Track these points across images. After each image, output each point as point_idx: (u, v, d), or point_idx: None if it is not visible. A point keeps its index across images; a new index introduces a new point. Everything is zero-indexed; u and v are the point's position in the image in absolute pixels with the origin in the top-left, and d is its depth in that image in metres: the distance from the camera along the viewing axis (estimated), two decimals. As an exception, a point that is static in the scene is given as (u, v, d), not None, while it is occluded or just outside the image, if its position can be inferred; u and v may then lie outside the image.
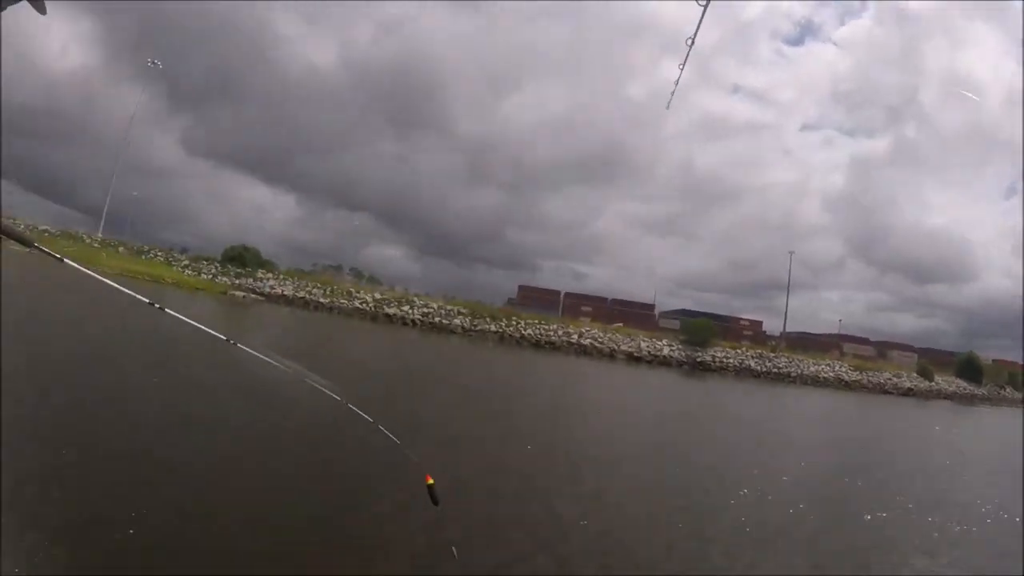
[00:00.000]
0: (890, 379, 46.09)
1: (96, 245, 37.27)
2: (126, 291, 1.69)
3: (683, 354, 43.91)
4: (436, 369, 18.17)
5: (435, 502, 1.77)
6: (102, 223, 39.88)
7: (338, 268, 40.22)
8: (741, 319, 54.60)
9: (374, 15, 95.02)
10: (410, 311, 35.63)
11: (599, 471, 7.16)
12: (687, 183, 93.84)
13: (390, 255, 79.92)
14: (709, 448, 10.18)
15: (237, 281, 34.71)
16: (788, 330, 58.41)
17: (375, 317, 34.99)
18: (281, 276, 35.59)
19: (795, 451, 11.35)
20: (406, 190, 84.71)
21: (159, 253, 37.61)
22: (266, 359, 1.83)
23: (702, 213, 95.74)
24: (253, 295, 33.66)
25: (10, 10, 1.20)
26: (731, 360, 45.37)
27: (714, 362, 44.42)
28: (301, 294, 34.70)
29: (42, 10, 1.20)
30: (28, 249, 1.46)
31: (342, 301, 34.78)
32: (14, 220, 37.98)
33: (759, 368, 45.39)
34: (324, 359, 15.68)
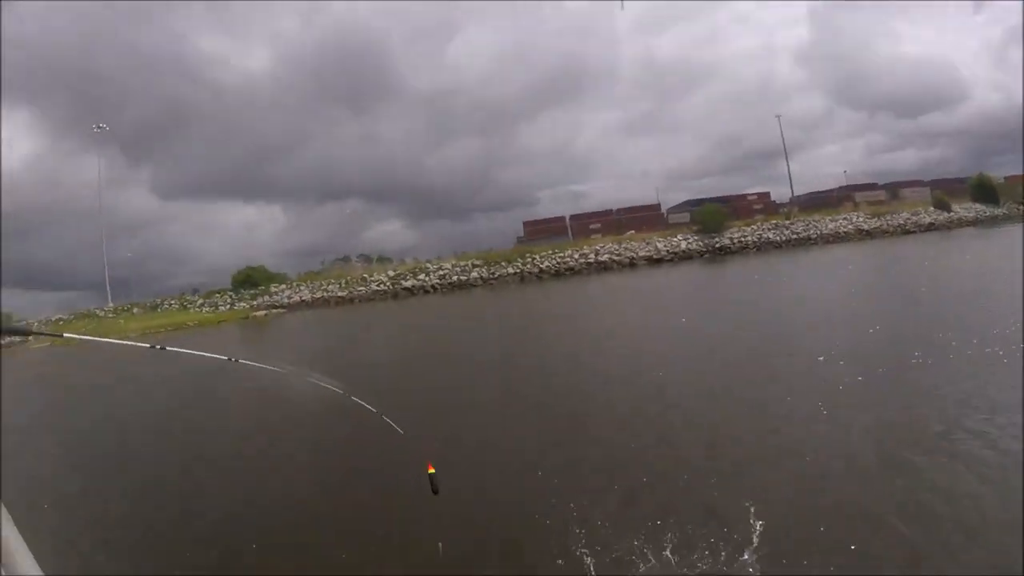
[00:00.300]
0: (909, 218, 45.54)
1: (111, 315, 37.70)
2: (127, 343, 1.76)
3: (701, 244, 43.65)
4: (479, 323, 18.27)
5: (435, 491, 1.75)
6: (108, 293, 40.20)
7: (346, 259, 40.26)
8: (748, 195, 53.60)
9: (290, 5, 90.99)
10: (427, 278, 35.67)
11: (660, 371, 7.14)
12: (653, 77, 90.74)
13: (390, 230, 79.62)
14: (761, 326, 9.91)
15: (254, 302, 34.94)
16: (796, 194, 57.70)
17: (395, 294, 35.15)
18: (294, 284, 35.70)
19: (844, 308, 10.75)
20: (383, 164, 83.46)
21: (172, 301, 37.88)
22: (268, 367, 1.91)
23: (677, 102, 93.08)
24: (274, 310, 33.94)
25: None
26: (749, 238, 44.99)
27: (733, 244, 44.12)
28: (318, 294, 34.88)
29: None
30: (29, 337, 1.74)
31: (359, 288, 34.90)
32: (26, 322, 38.50)
33: (778, 238, 45.06)
34: (368, 345, 16.10)
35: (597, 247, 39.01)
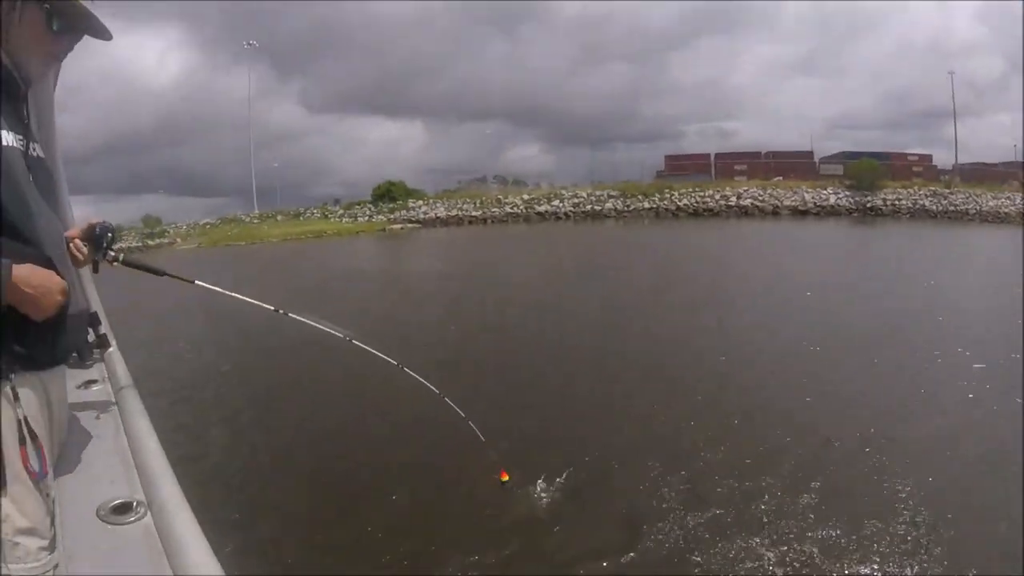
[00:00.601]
0: None
1: (256, 221, 40.46)
2: (252, 301, 1.78)
3: (851, 201, 39.61)
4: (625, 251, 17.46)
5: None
6: (255, 200, 43.06)
7: (482, 179, 40.64)
8: (908, 154, 47.47)
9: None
10: (560, 205, 35.12)
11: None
12: (821, 15, 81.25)
13: (528, 154, 79.76)
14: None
15: (392, 216, 36.21)
16: (960, 161, 50.60)
17: (527, 218, 35.02)
18: (431, 200, 36.52)
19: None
20: (527, 87, 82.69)
21: (314, 210, 40.10)
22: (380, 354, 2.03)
23: (843, 46, 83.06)
24: (410, 224, 35.03)
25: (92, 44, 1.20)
26: (903, 201, 40.21)
27: (885, 206, 39.67)
28: (454, 212, 35.50)
29: (107, 35, 1.18)
30: (161, 277, 1.59)
31: (493, 209, 35.08)
32: (175, 225, 42.15)
33: (934, 207, 39.94)
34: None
35: (740, 190, 36.33)
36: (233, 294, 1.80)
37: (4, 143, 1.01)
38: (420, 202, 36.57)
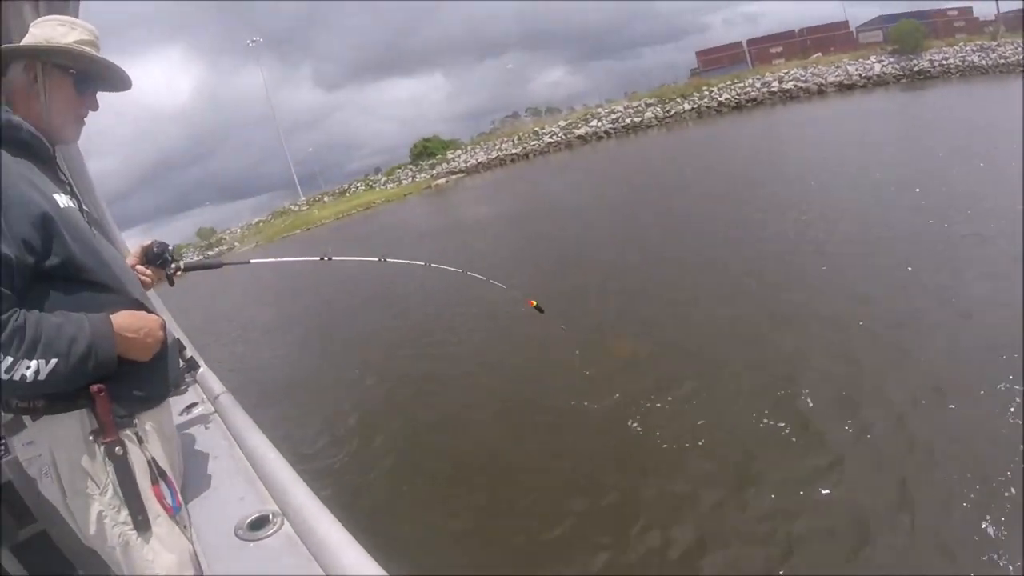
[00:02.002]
0: None
1: (305, 208, 41.19)
2: (299, 259, 2.02)
3: (897, 67, 37.65)
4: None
5: (541, 311, 2.32)
6: (298, 188, 43.80)
7: (515, 115, 40.29)
8: (947, 10, 44.52)
9: None
10: (599, 124, 34.53)
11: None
12: None
13: (555, 79, 77.19)
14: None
15: (434, 171, 36.31)
16: (1002, 10, 47.17)
17: (568, 144, 34.60)
18: (468, 147, 36.46)
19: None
20: (537, 6, 78.69)
21: (358, 184, 40.52)
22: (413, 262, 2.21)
23: None
24: (454, 176, 35.09)
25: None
26: (951, 60, 37.99)
27: (933, 67, 37.56)
28: (494, 154, 35.36)
29: (128, 84, 1.21)
30: (220, 268, 1.78)
31: (533, 143, 34.79)
32: (229, 230, 43.08)
33: (984, 63, 37.67)
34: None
35: (780, 74, 34.91)
36: (288, 259, 1.97)
37: (63, 206, 1.02)
38: (459, 151, 36.53)
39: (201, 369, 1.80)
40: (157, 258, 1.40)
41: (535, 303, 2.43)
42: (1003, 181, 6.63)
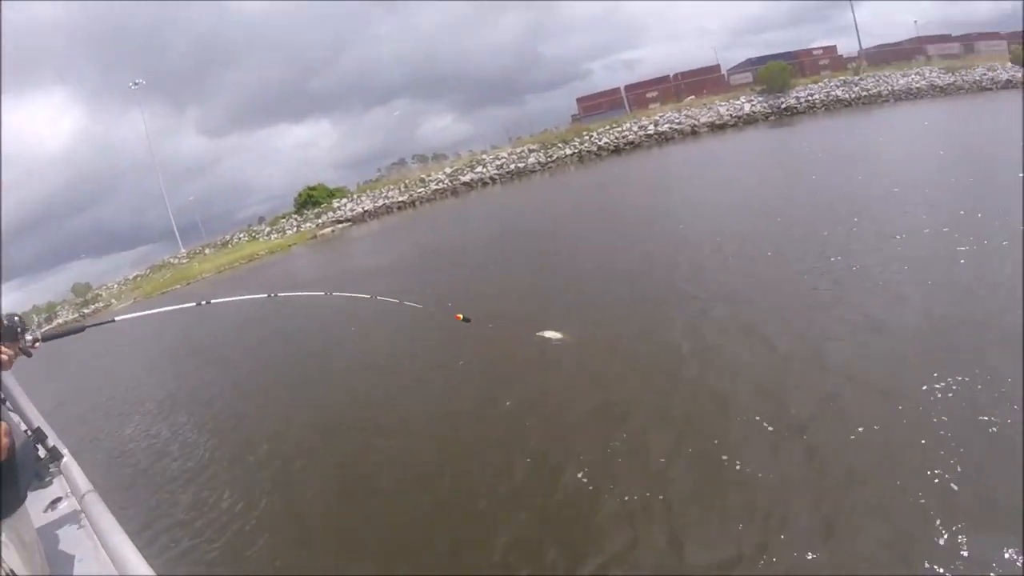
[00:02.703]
0: (985, 74, 40.76)
1: (185, 260, 38.79)
2: (175, 308, 1.96)
3: (766, 105, 40.54)
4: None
5: (468, 320, 2.69)
6: (179, 240, 41.22)
7: (401, 162, 39.70)
8: (813, 49, 48.55)
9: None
10: (484, 170, 34.68)
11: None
12: None
13: (441, 126, 78.21)
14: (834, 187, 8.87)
15: (319, 220, 35.18)
16: (864, 46, 52.05)
17: (455, 191, 34.52)
18: (355, 195, 35.56)
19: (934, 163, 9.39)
20: (424, 56, 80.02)
21: (241, 235, 38.63)
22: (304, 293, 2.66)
23: None
24: (339, 225, 34.12)
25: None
26: (816, 96, 41.48)
27: (800, 103, 40.84)
28: (380, 202, 34.68)
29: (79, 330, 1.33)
30: (83, 332, 1.65)
31: (419, 190, 34.42)
32: (104, 287, 39.95)
33: (847, 96, 41.55)
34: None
35: (656, 117, 36.54)
36: (158, 310, 1.91)
37: None
38: (344, 199, 35.56)
39: (65, 459, 1.74)
40: (10, 333, 1.34)
41: (461, 316, 2.67)
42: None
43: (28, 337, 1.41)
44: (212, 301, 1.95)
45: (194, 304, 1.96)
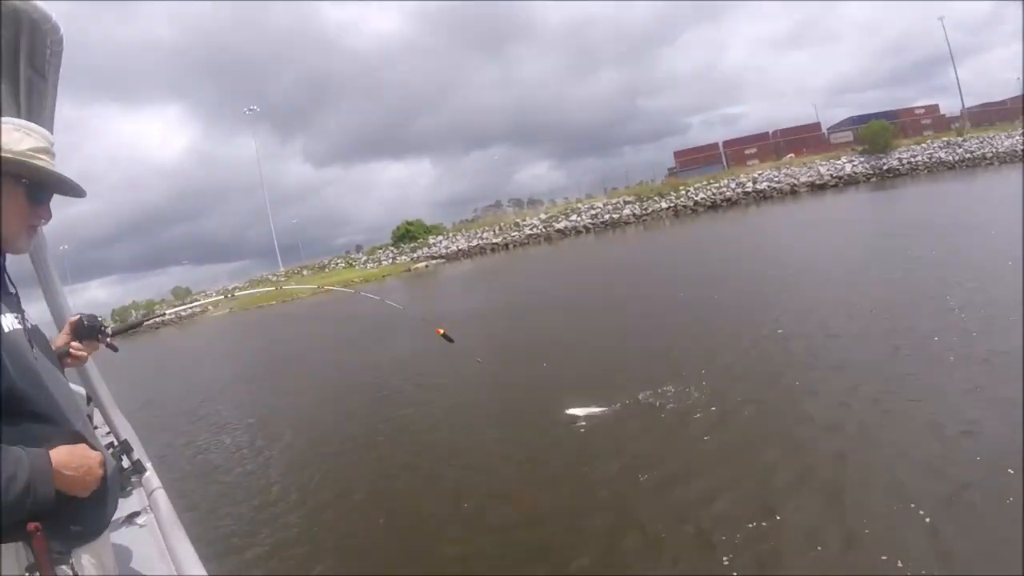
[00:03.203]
0: None
1: (283, 278, 41.07)
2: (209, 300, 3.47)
3: (867, 166, 39.29)
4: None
5: (451, 340, 2.31)
6: (279, 258, 43.80)
7: (497, 205, 40.94)
8: (914, 108, 46.79)
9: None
10: (579, 219, 35.18)
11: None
12: None
13: (538, 172, 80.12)
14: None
15: (414, 255, 36.59)
16: (967, 105, 49.81)
17: (548, 237, 35.13)
18: (450, 234, 36.82)
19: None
20: (526, 105, 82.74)
21: (338, 260, 40.65)
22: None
23: (830, 9, 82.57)
24: (433, 261, 35.36)
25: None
26: (919, 157, 39.80)
27: (902, 165, 39.25)
28: (474, 243, 35.75)
29: (81, 193, 1.17)
30: (140, 327, 1.91)
31: (513, 234, 35.26)
32: (204, 292, 42.69)
33: (951, 158, 39.60)
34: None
35: (755, 175, 36.08)
36: (204, 301, 2.12)
37: (6, 329, 1.00)
38: (440, 237, 36.90)
39: (147, 473, 1.73)
40: (90, 332, 1.41)
41: (442, 331, 2.52)
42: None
43: (108, 334, 1.45)
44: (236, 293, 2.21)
45: (221, 296, 2.64)
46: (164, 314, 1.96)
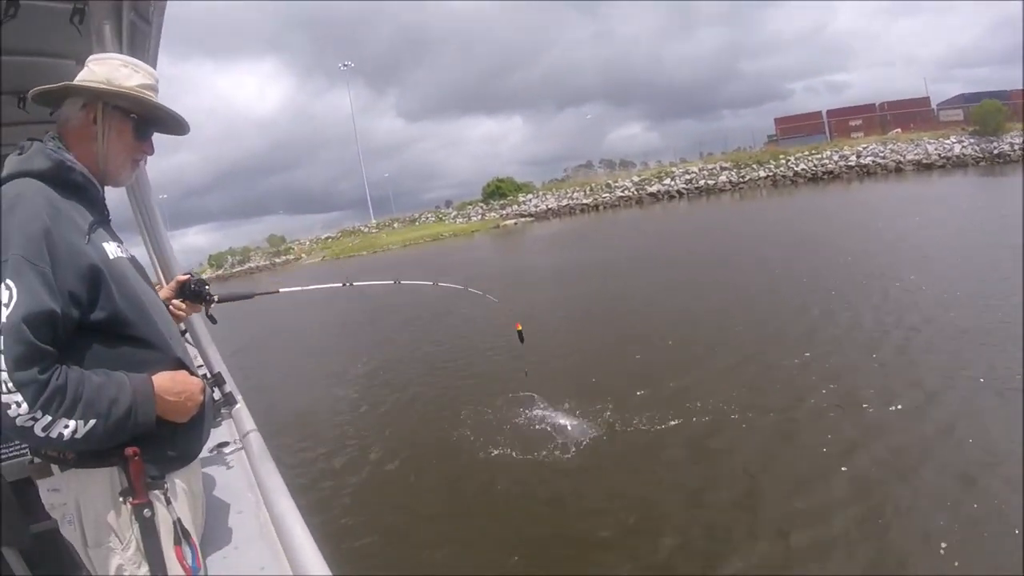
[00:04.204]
0: None
1: (375, 231, 42.25)
2: (326, 286, 2.15)
3: (977, 148, 37.13)
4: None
5: (522, 340, 2.67)
6: (371, 210, 45.04)
7: (588, 165, 41.08)
8: (1029, 92, 43.51)
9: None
10: (672, 183, 34.90)
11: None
12: None
13: (631, 133, 78.02)
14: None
15: (503, 212, 37.11)
16: (1086, 93, 46.02)
17: (639, 200, 35.03)
18: (540, 192, 37.15)
19: None
20: (621, 64, 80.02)
21: (429, 215, 41.58)
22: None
23: None
24: (522, 219, 35.81)
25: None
26: (1033, 145, 37.26)
27: (1013, 151, 36.88)
28: (564, 202, 36.01)
29: (185, 130, 1.19)
30: (251, 299, 1.71)
31: (604, 195, 35.34)
32: (297, 242, 44.01)
33: None
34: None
35: (859, 148, 34.75)
36: (317, 286, 2.03)
37: (111, 256, 1.01)
38: (530, 195, 37.30)
39: (238, 405, 1.74)
40: (196, 296, 1.43)
41: (520, 327, 2.69)
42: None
43: (212, 299, 1.44)
44: (355, 283, 2.05)
45: (340, 284, 2.07)
46: (276, 292, 1.95)
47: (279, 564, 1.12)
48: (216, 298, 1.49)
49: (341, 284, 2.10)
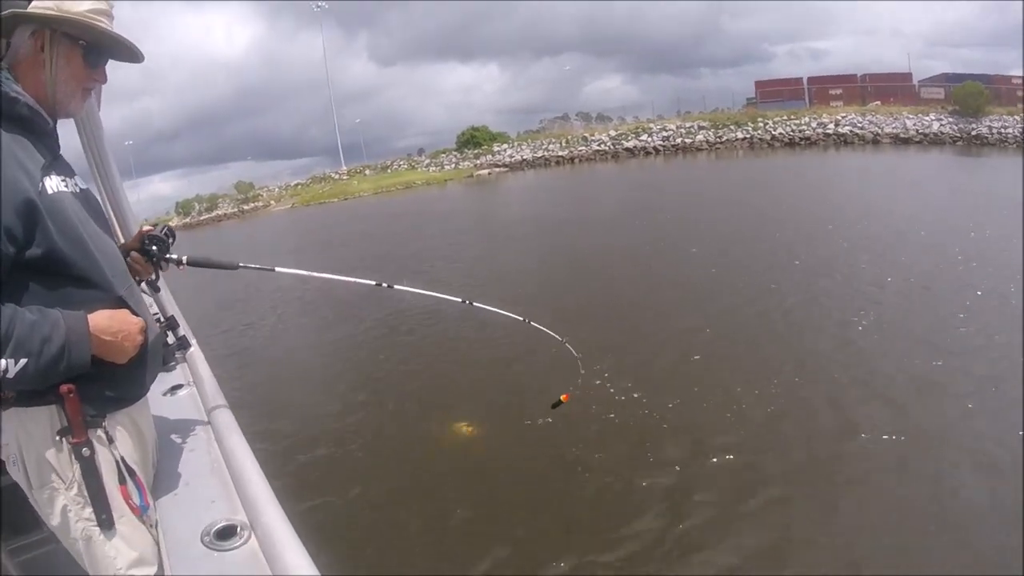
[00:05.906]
0: None
1: (345, 177, 41.35)
2: (348, 279, 1.80)
3: (955, 128, 37.39)
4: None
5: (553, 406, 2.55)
6: (341, 156, 43.96)
7: (564, 117, 40.32)
8: (1012, 77, 43.82)
9: None
10: (649, 139, 34.45)
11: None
12: None
13: (609, 86, 76.59)
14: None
15: (477, 161, 36.45)
16: (1068, 86, 46.48)
17: (615, 155, 34.58)
18: (515, 143, 36.51)
19: None
20: (600, 13, 78.27)
21: (401, 162, 40.71)
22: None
23: None
24: (496, 169, 35.21)
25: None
26: (1010, 130, 37.57)
27: (991, 134, 37.20)
28: (539, 153, 35.43)
29: (140, 58, 1.12)
30: (235, 270, 1.50)
31: (580, 148, 34.81)
32: (265, 191, 43.29)
33: None
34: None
35: (838, 117, 34.61)
36: (323, 275, 1.71)
37: (51, 191, 0.96)
38: (505, 145, 36.63)
39: (192, 348, 1.70)
40: (148, 253, 1.29)
41: (567, 398, 2.49)
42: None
43: (171, 257, 1.31)
44: (395, 287, 1.81)
45: (375, 283, 1.80)
46: (272, 269, 1.62)
47: (229, 497, 1.13)
48: (184, 260, 1.34)
49: (375, 283, 1.82)
